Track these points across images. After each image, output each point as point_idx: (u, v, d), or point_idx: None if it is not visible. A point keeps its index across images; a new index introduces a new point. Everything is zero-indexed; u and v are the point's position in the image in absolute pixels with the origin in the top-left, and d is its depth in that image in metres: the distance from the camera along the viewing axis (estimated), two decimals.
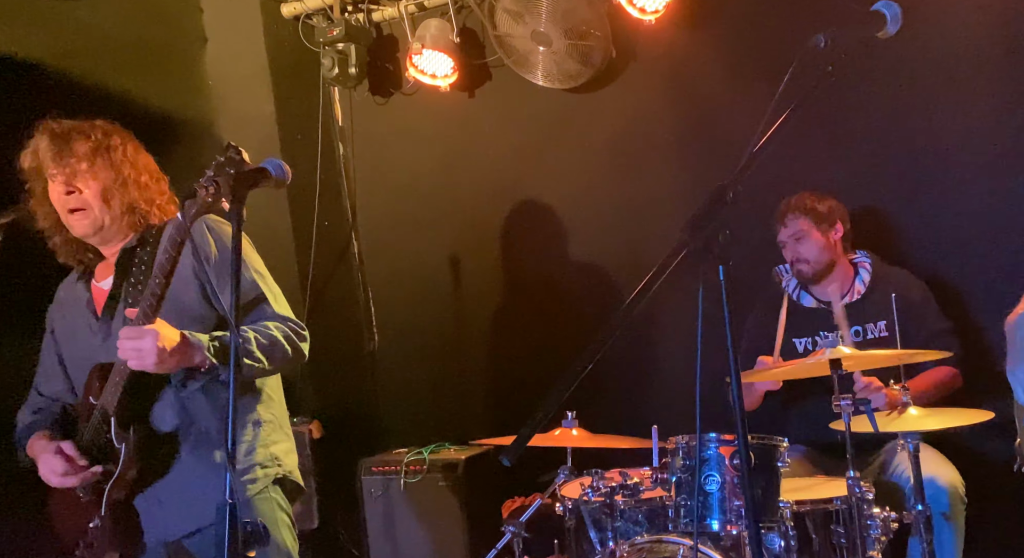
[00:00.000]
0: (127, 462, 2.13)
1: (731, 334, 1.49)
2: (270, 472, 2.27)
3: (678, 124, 3.73)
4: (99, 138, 2.21)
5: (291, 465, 2.34)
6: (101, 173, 2.19)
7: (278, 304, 2.25)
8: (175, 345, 2.00)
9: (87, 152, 2.18)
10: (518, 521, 2.69)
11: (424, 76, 3.95)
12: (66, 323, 2.36)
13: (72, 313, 2.34)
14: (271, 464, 2.28)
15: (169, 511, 2.20)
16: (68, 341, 2.35)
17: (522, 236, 4.05)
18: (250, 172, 1.86)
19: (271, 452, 2.29)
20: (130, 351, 1.99)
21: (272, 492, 2.28)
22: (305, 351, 2.25)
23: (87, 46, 3.49)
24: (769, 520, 2.32)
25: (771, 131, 1.57)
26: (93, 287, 2.31)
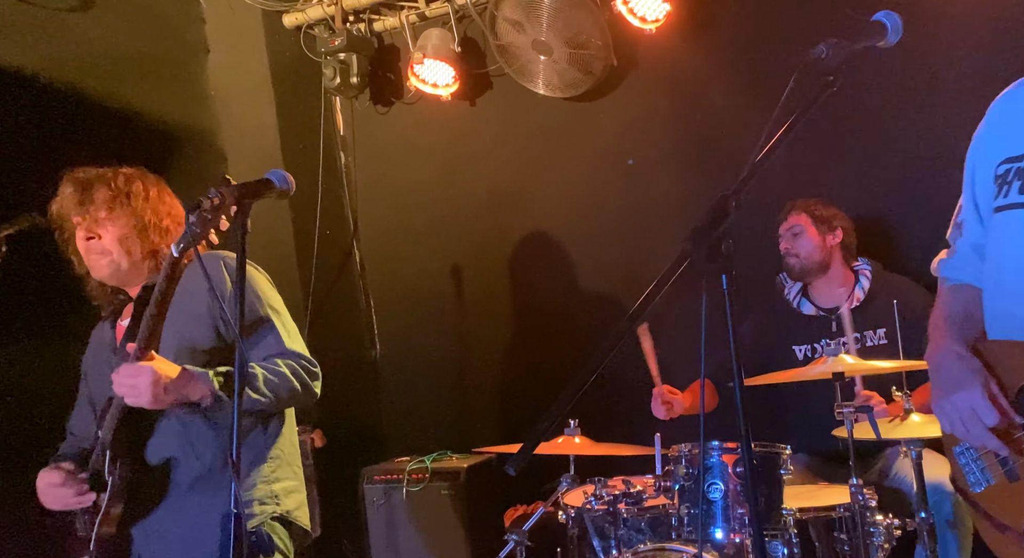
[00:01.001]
0: (112, 497, 2.13)
1: (734, 342, 1.50)
2: (267, 509, 2.22)
3: (679, 133, 3.75)
4: (119, 185, 2.26)
5: (291, 505, 2.28)
6: (120, 220, 2.24)
7: (291, 340, 2.25)
8: (172, 380, 2.01)
9: (107, 199, 2.23)
10: (521, 530, 2.68)
11: (425, 85, 3.97)
12: (93, 364, 2.40)
13: (98, 354, 2.38)
14: (269, 501, 2.23)
15: (171, 545, 2.18)
16: (95, 382, 2.36)
17: (523, 245, 4.06)
18: (254, 184, 1.87)
19: (272, 489, 2.25)
20: (125, 388, 2.01)
21: (268, 529, 2.21)
22: (316, 390, 2.24)
23: (90, 58, 3.50)
24: (772, 528, 2.33)
25: (773, 141, 1.57)
26: (118, 326, 2.35)
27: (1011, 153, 1.61)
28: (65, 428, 2.45)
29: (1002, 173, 1.62)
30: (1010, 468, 1.55)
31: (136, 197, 2.26)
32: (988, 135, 1.72)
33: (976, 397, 1.53)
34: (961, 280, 1.75)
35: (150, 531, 2.19)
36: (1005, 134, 1.65)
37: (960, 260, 1.75)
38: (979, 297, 1.69)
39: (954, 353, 1.61)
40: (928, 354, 1.69)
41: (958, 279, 1.76)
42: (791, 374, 2.73)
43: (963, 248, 1.75)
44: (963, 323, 1.67)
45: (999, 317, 1.61)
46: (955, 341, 1.63)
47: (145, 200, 2.27)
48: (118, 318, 2.37)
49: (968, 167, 1.76)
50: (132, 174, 2.30)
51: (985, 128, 1.75)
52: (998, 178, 1.62)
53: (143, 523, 2.19)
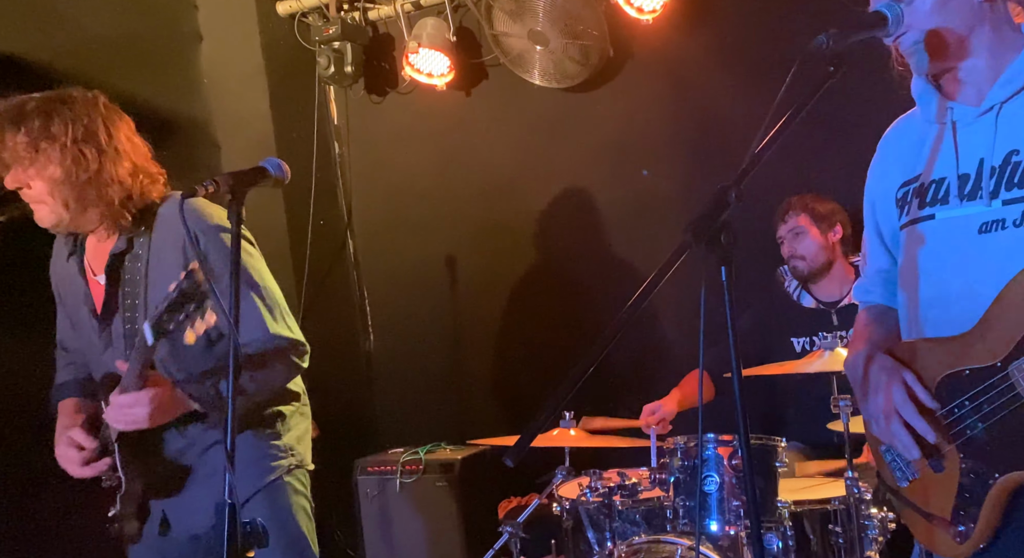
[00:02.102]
0: (129, 488, 2.13)
1: (733, 335, 1.49)
2: (284, 463, 2.26)
3: (676, 124, 3.73)
4: (36, 128, 1.98)
5: (303, 452, 2.31)
6: (45, 168, 2.00)
7: (275, 323, 2.12)
8: (166, 402, 1.99)
9: (23, 146, 1.98)
10: (515, 521, 2.68)
11: (420, 75, 3.94)
12: (69, 299, 2.28)
13: (72, 296, 2.25)
14: (285, 454, 2.26)
15: (197, 506, 2.17)
16: (75, 318, 2.28)
17: (519, 236, 4.05)
18: (249, 171, 1.85)
19: (286, 442, 2.27)
20: (121, 418, 1.98)
21: (288, 478, 2.26)
22: (303, 364, 2.17)
23: (81, 44, 3.47)
24: (768, 520, 2.33)
25: (773, 132, 1.56)
26: (89, 278, 2.21)
27: (907, 177, 1.72)
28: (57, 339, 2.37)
29: (901, 196, 1.73)
30: (934, 460, 1.60)
31: (55, 141, 1.98)
32: (883, 167, 1.85)
33: (896, 393, 1.58)
34: (872, 301, 1.86)
35: (168, 502, 2.19)
36: (899, 162, 1.77)
37: (869, 284, 1.86)
38: (889, 311, 1.79)
39: (869, 358, 1.68)
40: (845, 363, 1.76)
41: (869, 300, 1.87)
42: (784, 367, 2.73)
43: (869, 274, 1.86)
44: (876, 332, 1.76)
45: (913, 322, 1.69)
46: (870, 347, 1.71)
47: (76, 144, 1.99)
48: (83, 257, 2.19)
49: (867, 200, 1.88)
50: (55, 109, 2.00)
51: (879, 161, 1.88)
52: (899, 201, 1.74)
53: (165, 502, 2.19)
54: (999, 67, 1.60)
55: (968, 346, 1.53)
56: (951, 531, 1.55)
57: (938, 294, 1.62)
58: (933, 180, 1.65)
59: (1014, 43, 1.60)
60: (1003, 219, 1.54)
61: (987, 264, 1.54)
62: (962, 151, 1.62)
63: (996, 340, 1.49)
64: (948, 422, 1.55)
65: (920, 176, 1.69)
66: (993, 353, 1.49)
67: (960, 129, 1.63)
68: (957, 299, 1.58)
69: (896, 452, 1.67)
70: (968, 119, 1.62)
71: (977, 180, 1.58)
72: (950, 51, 1.62)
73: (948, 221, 1.61)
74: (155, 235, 2.13)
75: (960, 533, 1.54)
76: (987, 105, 1.59)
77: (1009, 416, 1.48)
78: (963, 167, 1.61)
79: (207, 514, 2.14)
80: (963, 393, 1.53)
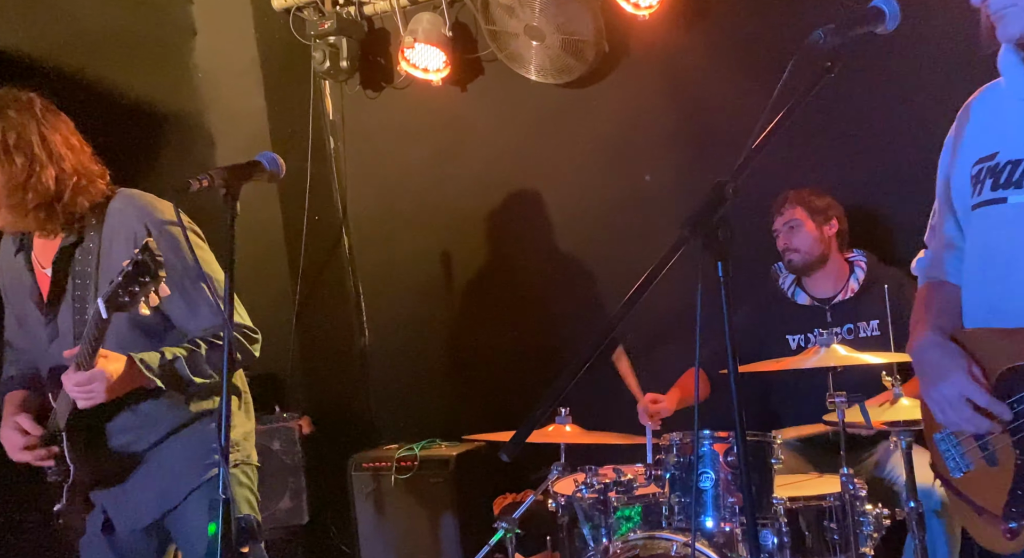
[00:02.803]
0: (77, 477, 2.15)
1: (729, 330, 1.49)
2: (233, 458, 2.26)
3: (672, 120, 3.72)
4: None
5: (249, 449, 2.32)
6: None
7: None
8: (121, 375, 1.99)
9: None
10: (510, 518, 2.68)
11: (416, 70, 3.93)
12: (13, 294, 2.29)
13: (17, 289, 2.27)
14: (232, 450, 2.26)
15: (138, 501, 2.22)
16: (20, 313, 2.29)
17: (515, 231, 4.04)
18: (244, 166, 1.86)
19: (232, 438, 2.26)
20: (79, 395, 1.98)
21: (233, 471, 2.25)
22: (255, 352, 2.19)
23: (74, 37, 3.45)
24: (763, 517, 2.33)
25: (770, 128, 1.56)
26: (37, 271, 2.23)
27: (982, 153, 1.66)
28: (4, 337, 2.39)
29: (975, 173, 1.66)
30: (990, 453, 1.58)
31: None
32: (959, 139, 1.77)
33: (963, 381, 1.56)
34: (937, 277, 1.80)
35: (114, 492, 2.21)
36: (976, 137, 1.70)
37: (936, 259, 1.80)
38: (956, 291, 1.73)
39: (935, 343, 1.65)
40: (909, 347, 1.73)
41: (934, 276, 1.81)
42: (779, 363, 2.73)
43: (937, 248, 1.80)
44: (941, 315, 1.72)
45: (977, 307, 1.65)
46: (935, 332, 1.68)
47: (5, 151, 2.02)
48: (31, 253, 2.22)
49: (941, 171, 1.81)
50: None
51: (955, 133, 1.80)
52: (972, 178, 1.67)
53: (108, 492, 2.21)
54: None
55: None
56: (1001, 527, 1.53)
57: (1003, 282, 1.58)
58: (1009, 161, 1.59)
59: None
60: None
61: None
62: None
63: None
64: None
65: (996, 154, 1.62)
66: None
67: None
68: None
69: (951, 442, 1.65)
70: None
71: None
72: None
73: (1020, 206, 1.55)
74: (105, 228, 2.15)
75: (1011, 530, 1.52)
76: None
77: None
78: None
79: (151, 508, 2.20)
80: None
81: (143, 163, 2.36)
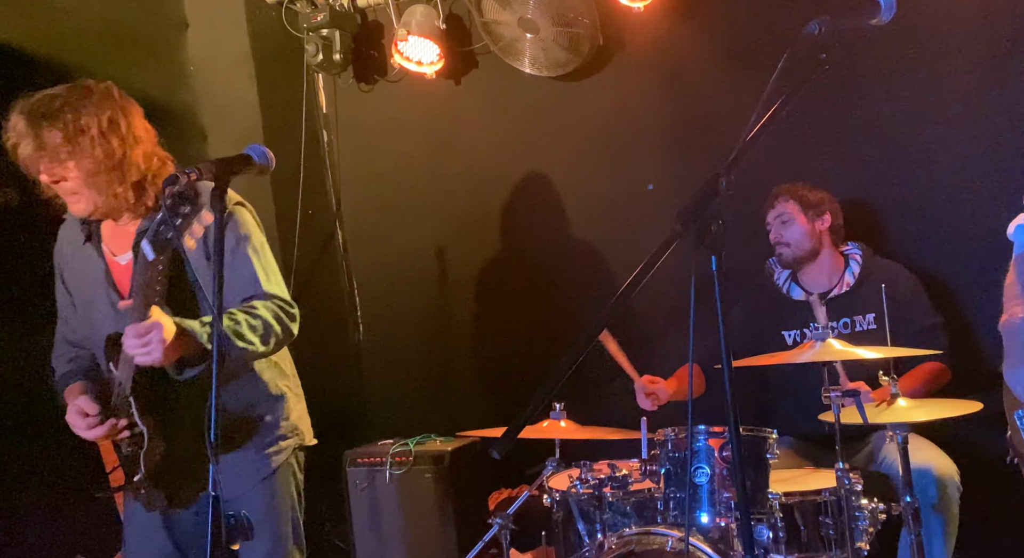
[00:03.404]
0: (152, 440, 2.16)
1: (723, 324, 1.47)
2: (291, 443, 2.38)
3: (667, 113, 3.71)
4: (70, 123, 2.07)
5: (307, 430, 2.46)
6: (82, 160, 2.10)
7: (269, 282, 2.25)
8: (175, 335, 2.00)
9: (61, 142, 2.07)
10: (505, 513, 2.67)
11: (410, 63, 3.91)
12: (79, 284, 2.33)
13: (85, 278, 2.29)
14: (292, 435, 2.39)
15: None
16: (83, 303, 2.33)
17: (509, 226, 4.02)
18: (233, 159, 1.86)
19: (292, 423, 2.39)
20: (138, 349, 1.98)
21: (292, 459, 2.39)
22: (294, 330, 2.26)
23: (65, 30, 3.43)
24: (758, 512, 2.32)
25: (764, 120, 1.54)
26: (108, 259, 2.26)
27: None
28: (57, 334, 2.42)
29: None
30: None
31: (87, 133, 2.08)
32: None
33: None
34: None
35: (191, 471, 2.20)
36: None
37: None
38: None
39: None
40: (1002, 324, 1.65)
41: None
42: (774, 358, 2.72)
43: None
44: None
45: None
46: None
47: (103, 135, 2.10)
48: (100, 242, 2.27)
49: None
50: (81, 102, 2.10)
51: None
52: None
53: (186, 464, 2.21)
54: None
55: None
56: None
57: None
58: None
59: None
60: None
61: None
62: None
63: None
64: None
65: None
66: None
67: None
68: None
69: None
70: None
71: None
72: None
73: None
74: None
75: None
76: None
77: None
78: None
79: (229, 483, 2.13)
80: None
81: None
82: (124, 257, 2.25)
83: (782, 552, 2.34)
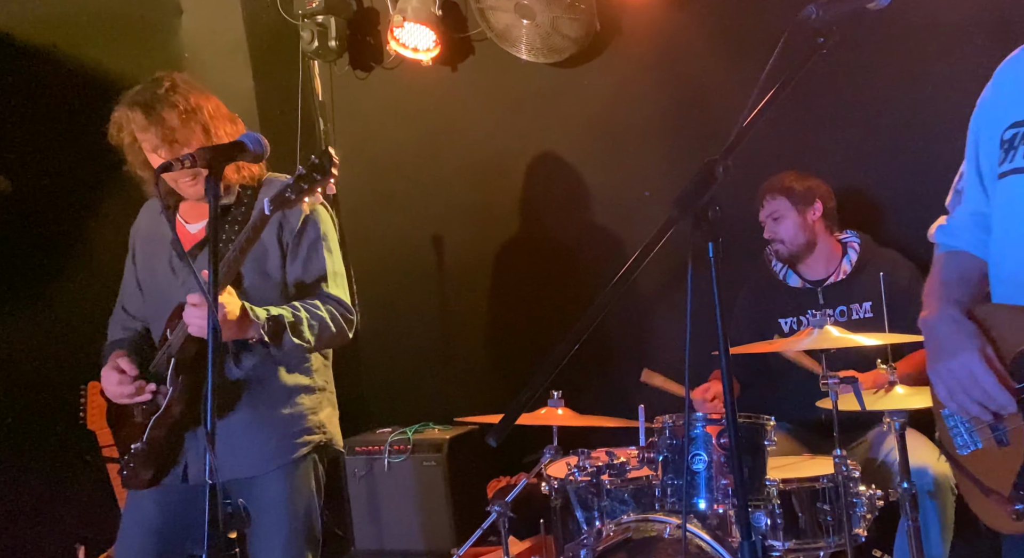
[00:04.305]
0: (171, 403, 2.18)
1: (721, 311, 1.46)
2: (314, 438, 2.33)
3: (664, 99, 3.69)
4: (183, 103, 2.18)
5: (334, 432, 2.41)
6: (195, 139, 2.17)
7: (335, 284, 2.30)
8: (235, 318, 2.04)
9: (179, 123, 2.16)
10: (503, 501, 2.67)
11: (406, 50, 3.88)
12: (146, 254, 2.39)
13: (153, 246, 2.36)
14: (318, 431, 2.34)
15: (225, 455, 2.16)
16: (146, 271, 2.38)
17: (506, 213, 4.01)
18: (227, 146, 1.86)
19: (320, 419, 2.35)
20: (195, 318, 2.02)
21: (314, 456, 2.35)
22: (350, 333, 2.30)
23: (59, 16, 3.40)
24: (755, 498, 2.32)
25: (761, 105, 1.53)
26: (179, 226, 2.32)
27: (1019, 116, 1.57)
28: (117, 303, 2.46)
29: (1008, 137, 1.57)
30: (1000, 433, 1.54)
31: (201, 111, 2.20)
32: (994, 99, 1.66)
33: (974, 361, 1.50)
34: (957, 247, 1.72)
35: (199, 437, 2.24)
36: (1012, 98, 1.60)
37: (958, 227, 1.72)
38: (976, 263, 1.66)
39: (949, 318, 1.58)
40: (922, 319, 1.65)
41: (954, 245, 1.73)
42: (771, 345, 2.72)
43: (961, 215, 1.72)
44: (958, 288, 1.64)
45: (1006, 282, 1.58)
46: (950, 306, 1.60)
47: (210, 115, 2.22)
48: (176, 214, 2.34)
49: (972, 133, 1.70)
50: (180, 87, 2.21)
51: (991, 92, 1.69)
52: (1004, 143, 1.58)
53: (196, 430, 2.24)
54: None
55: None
56: (1008, 508, 1.50)
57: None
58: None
59: None
60: None
61: None
62: None
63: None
64: (1020, 398, 1.48)
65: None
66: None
67: None
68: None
69: (960, 419, 1.60)
70: None
71: None
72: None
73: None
74: (256, 202, 2.27)
75: (1017, 511, 1.49)
76: None
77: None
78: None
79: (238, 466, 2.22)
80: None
81: None
82: (195, 226, 2.31)
83: (779, 538, 2.35)
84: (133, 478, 2.26)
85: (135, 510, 2.31)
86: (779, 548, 2.35)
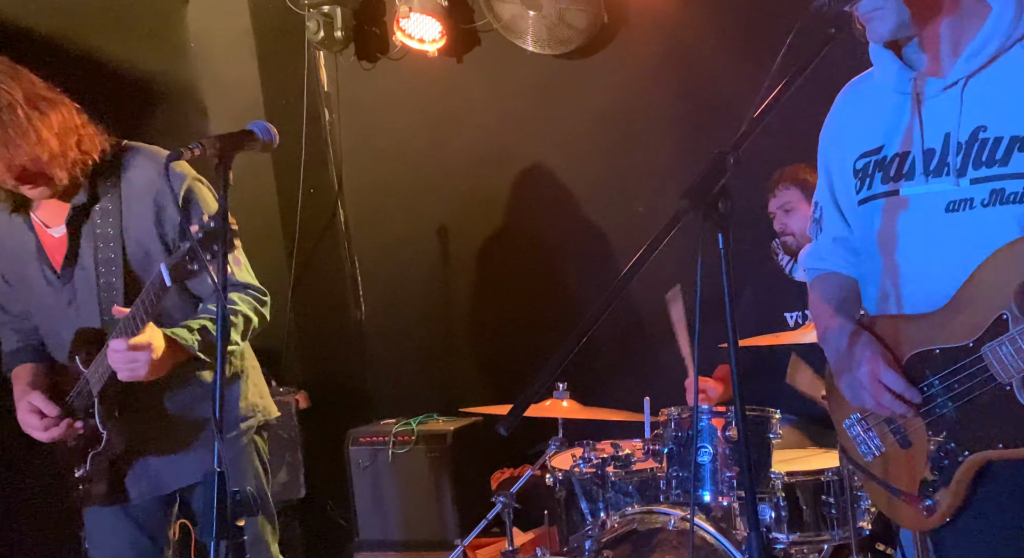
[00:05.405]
0: (110, 440, 2.15)
1: (730, 304, 1.46)
2: (250, 424, 2.32)
3: (672, 91, 3.68)
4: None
5: (265, 404, 2.38)
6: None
7: (240, 271, 2.22)
8: (161, 354, 1.99)
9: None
10: (508, 492, 2.68)
11: (411, 40, 3.87)
12: (9, 259, 2.24)
13: (16, 252, 2.21)
14: (250, 415, 2.33)
15: (160, 468, 2.23)
16: (14, 274, 2.24)
17: (512, 204, 4.00)
18: (237, 134, 1.83)
19: (251, 402, 2.34)
20: (123, 366, 1.98)
21: (254, 438, 2.34)
22: (267, 315, 2.26)
23: (65, 6, 3.39)
24: (760, 491, 2.32)
25: (772, 96, 1.52)
26: (39, 230, 2.18)
27: (867, 147, 1.66)
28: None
29: (861, 167, 1.67)
30: (902, 436, 1.61)
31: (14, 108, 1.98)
32: (839, 132, 1.77)
33: (878, 366, 1.57)
34: (828, 268, 1.82)
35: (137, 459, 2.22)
36: (857, 130, 1.70)
37: (825, 250, 1.82)
38: (849, 282, 1.77)
39: (846, 330, 1.66)
40: (820, 338, 1.73)
41: (825, 268, 1.83)
42: (777, 338, 2.71)
43: (824, 241, 1.82)
44: (843, 305, 1.74)
45: (875, 297, 1.67)
46: (842, 320, 1.69)
47: (12, 116, 1.97)
48: (29, 214, 2.17)
49: (822, 164, 1.81)
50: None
51: (834, 126, 1.79)
52: (858, 172, 1.67)
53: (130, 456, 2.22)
54: (962, 37, 1.54)
55: (939, 326, 1.53)
56: (919, 505, 1.58)
57: (904, 271, 1.60)
58: (897, 154, 1.61)
59: (979, 12, 1.54)
60: (971, 198, 1.51)
61: (956, 243, 1.52)
62: (927, 125, 1.57)
63: (968, 321, 1.49)
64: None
65: (882, 148, 1.64)
66: (965, 333, 1.49)
67: (924, 101, 1.58)
68: (925, 277, 1.57)
69: (862, 427, 1.68)
70: (933, 92, 1.57)
71: (943, 156, 1.54)
72: (914, 19, 1.55)
73: (914, 198, 1.58)
74: (124, 187, 2.14)
75: (928, 507, 1.57)
76: (953, 78, 1.54)
77: (980, 396, 1.49)
78: (928, 142, 1.56)
79: (174, 478, 2.22)
80: (933, 372, 1.54)
81: (135, 134, 2.32)
82: (58, 230, 2.17)
83: (784, 531, 2.35)
84: (88, 497, 2.22)
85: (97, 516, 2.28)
86: (783, 541, 2.36)
